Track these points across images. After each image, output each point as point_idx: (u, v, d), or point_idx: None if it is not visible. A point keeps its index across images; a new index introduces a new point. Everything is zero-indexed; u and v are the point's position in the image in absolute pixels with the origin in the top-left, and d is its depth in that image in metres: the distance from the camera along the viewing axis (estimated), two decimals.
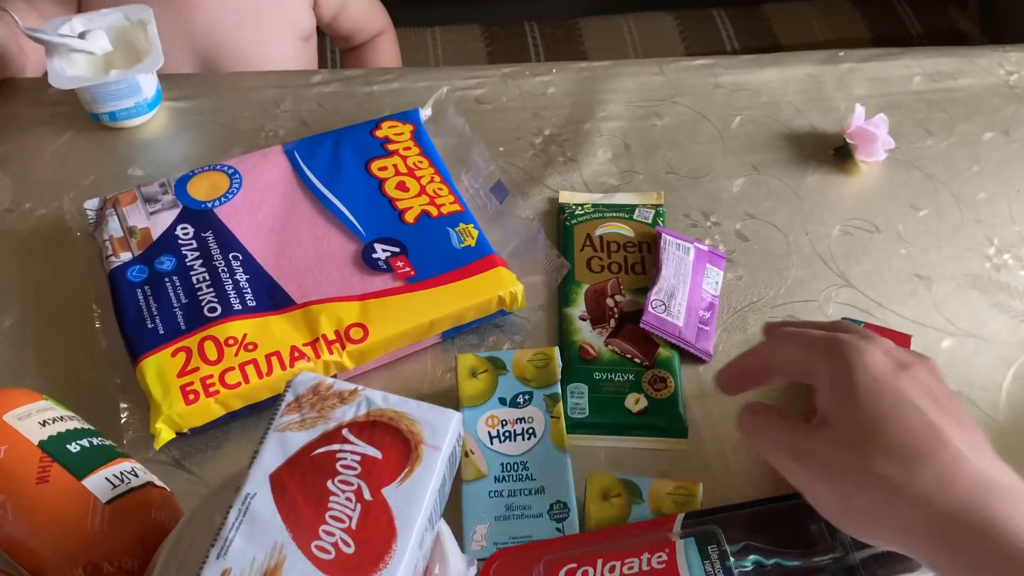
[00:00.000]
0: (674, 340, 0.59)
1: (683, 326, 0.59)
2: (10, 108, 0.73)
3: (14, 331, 0.60)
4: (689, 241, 0.63)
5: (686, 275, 0.61)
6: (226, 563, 0.38)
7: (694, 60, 0.79)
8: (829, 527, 0.48)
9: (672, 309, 0.59)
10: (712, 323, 0.61)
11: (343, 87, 0.75)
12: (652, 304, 0.59)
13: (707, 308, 0.61)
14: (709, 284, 0.62)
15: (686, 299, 0.60)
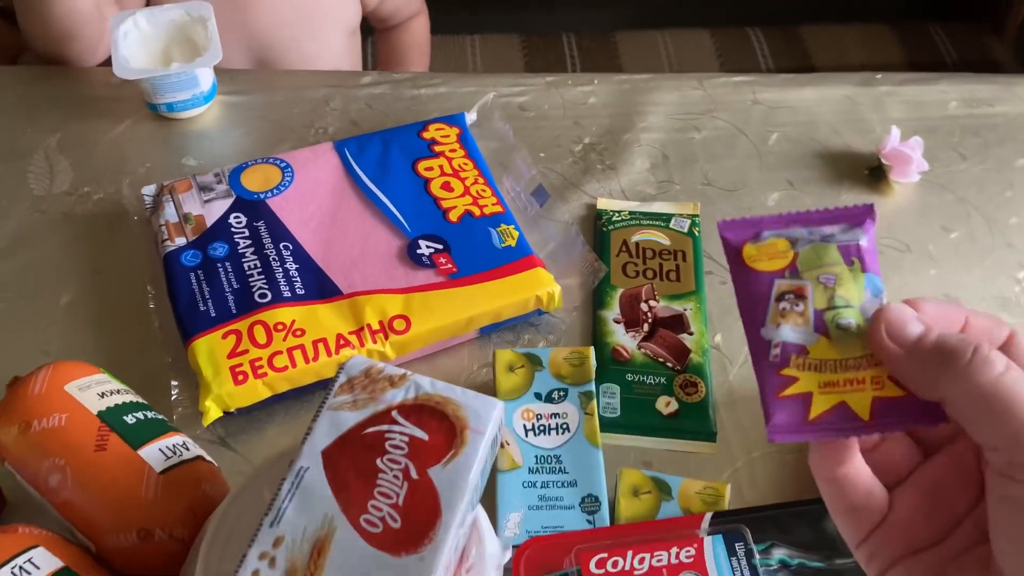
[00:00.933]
0: None
1: None
2: (71, 96, 0.76)
3: (71, 308, 0.62)
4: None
5: None
6: (279, 531, 0.40)
7: (733, 76, 0.81)
8: None
9: None
10: None
11: (391, 89, 0.78)
12: None
13: None
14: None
15: None
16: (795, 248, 0.35)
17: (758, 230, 0.35)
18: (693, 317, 0.63)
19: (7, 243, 0.66)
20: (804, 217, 0.35)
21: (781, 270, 0.34)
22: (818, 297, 0.34)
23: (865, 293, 0.34)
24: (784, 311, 0.34)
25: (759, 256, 0.35)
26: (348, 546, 0.39)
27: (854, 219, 0.35)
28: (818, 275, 0.34)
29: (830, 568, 0.48)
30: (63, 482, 0.48)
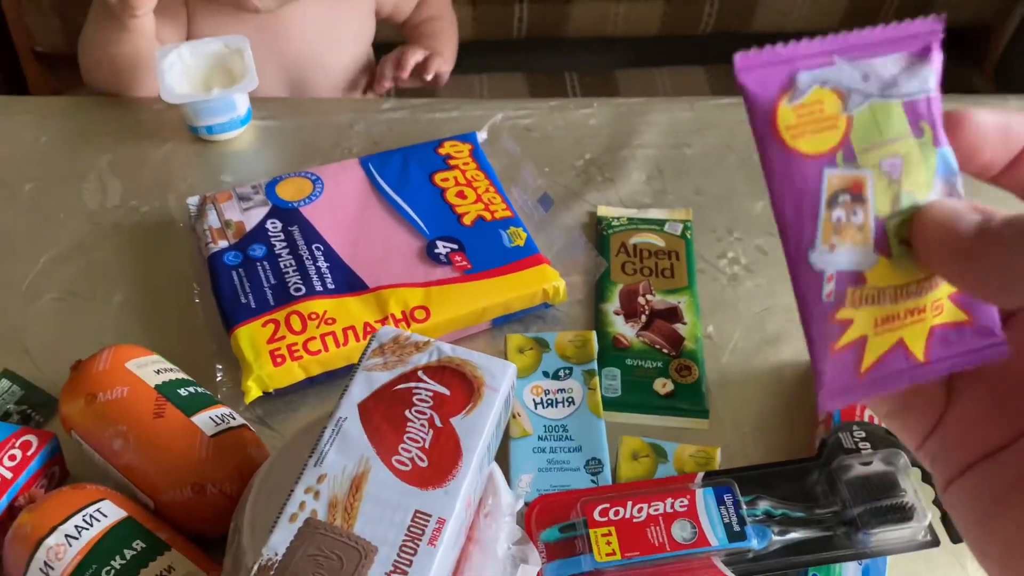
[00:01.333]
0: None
1: None
2: (119, 123, 0.84)
3: (123, 306, 0.69)
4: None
5: None
6: (322, 470, 0.46)
7: (722, 99, 0.88)
8: (830, 484, 0.55)
9: None
10: None
11: (409, 114, 0.85)
12: None
13: None
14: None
15: None
16: (847, 108, 0.24)
17: (793, 70, 0.24)
18: (687, 309, 0.69)
19: (65, 250, 0.73)
20: (853, 42, 0.24)
21: (832, 151, 0.24)
22: (880, 196, 0.24)
23: (935, 180, 0.25)
24: (839, 224, 0.24)
25: (800, 125, 0.24)
26: (382, 481, 0.45)
27: (918, 45, 0.24)
28: (880, 159, 0.24)
29: (810, 517, 0.54)
30: (125, 446, 0.54)
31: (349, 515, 0.44)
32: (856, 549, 0.53)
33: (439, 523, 0.44)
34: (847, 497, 0.54)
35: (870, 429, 0.57)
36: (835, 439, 0.57)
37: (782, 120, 0.24)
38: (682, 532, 0.52)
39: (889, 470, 0.54)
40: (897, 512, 0.53)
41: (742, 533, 0.52)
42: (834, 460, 0.55)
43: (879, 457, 0.55)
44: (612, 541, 0.51)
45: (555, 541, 0.53)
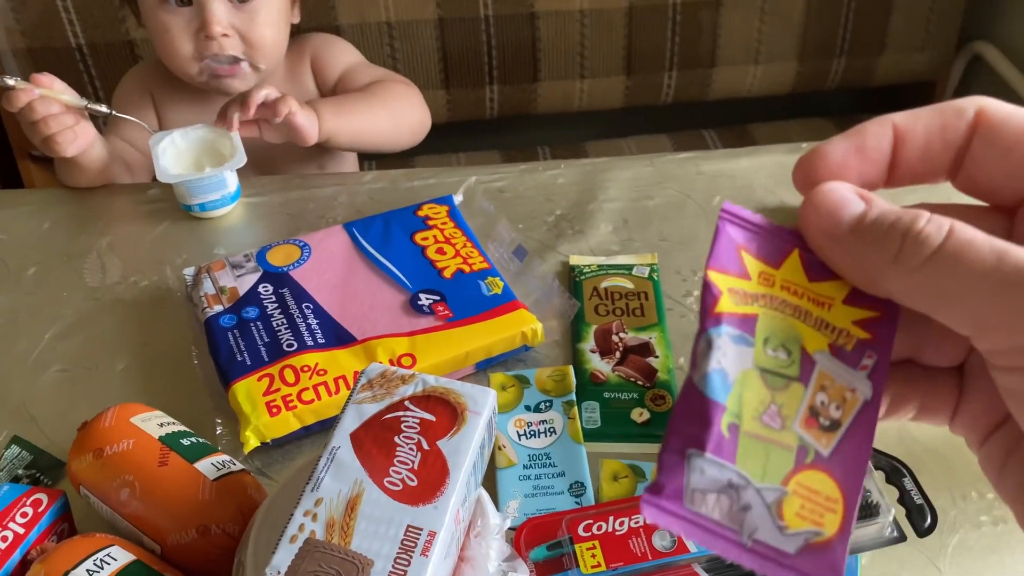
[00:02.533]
0: None
1: None
2: (117, 207, 0.89)
3: (126, 372, 0.73)
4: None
5: None
6: (319, 494, 0.49)
7: (679, 154, 0.95)
8: None
9: None
10: None
11: (389, 183, 0.91)
12: None
13: None
14: None
15: None
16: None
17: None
18: (658, 343, 0.73)
19: (68, 326, 0.77)
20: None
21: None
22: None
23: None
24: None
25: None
26: (375, 501, 0.48)
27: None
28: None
29: None
30: (132, 494, 0.57)
31: (346, 533, 0.47)
32: None
33: (430, 535, 0.47)
34: None
35: None
36: None
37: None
38: (662, 541, 0.55)
39: None
40: (862, 510, 0.56)
41: None
42: None
43: None
44: (597, 554, 0.54)
45: (544, 559, 0.56)
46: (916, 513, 0.57)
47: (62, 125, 0.82)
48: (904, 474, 0.59)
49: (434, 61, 1.36)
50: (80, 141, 0.84)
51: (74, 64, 1.25)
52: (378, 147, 1.02)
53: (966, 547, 0.62)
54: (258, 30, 0.90)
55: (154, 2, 0.90)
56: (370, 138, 0.98)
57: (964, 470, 0.66)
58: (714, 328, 0.25)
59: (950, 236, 0.23)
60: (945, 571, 0.60)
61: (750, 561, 0.24)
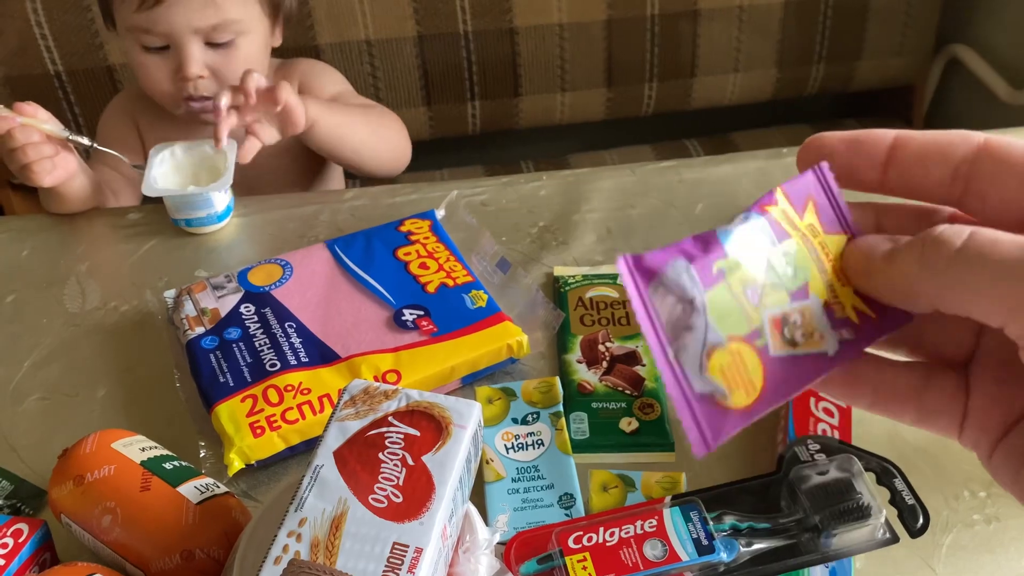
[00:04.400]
0: None
1: None
2: (96, 232, 0.88)
3: (107, 399, 0.72)
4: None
5: None
6: (303, 514, 0.48)
7: (660, 163, 0.95)
8: (791, 495, 0.57)
9: None
10: None
11: (370, 200, 0.91)
12: None
13: None
14: None
15: None
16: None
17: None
18: (644, 352, 0.73)
19: (48, 353, 0.76)
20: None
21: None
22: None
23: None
24: None
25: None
26: (360, 518, 0.48)
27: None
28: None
29: (775, 527, 0.56)
30: (114, 521, 0.56)
31: (331, 552, 0.47)
32: (821, 553, 0.55)
33: (417, 552, 0.46)
34: (807, 504, 0.56)
35: (824, 441, 0.61)
36: (792, 453, 0.60)
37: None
38: (653, 551, 0.54)
39: (844, 476, 0.58)
40: (855, 512, 0.55)
41: (711, 547, 0.54)
42: (792, 472, 0.58)
43: (834, 465, 0.58)
44: (588, 566, 0.53)
45: (535, 573, 0.55)
46: (908, 513, 0.56)
47: (41, 155, 0.81)
48: (895, 475, 0.58)
49: (415, 78, 1.36)
50: (59, 172, 0.83)
51: (53, 91, 1.25)
52: (357, 153, 0.98)
53: (960, 546, 0.61)
54: (235, 70, 0.90)
55: (133, 43, 0.90)
56: (350, 140, 0.96)
57: (955, 469, 0.66)
58: (756, 214, 0.28)
59: (972, 237, 0.25)
60: (940, 571, 0.60)
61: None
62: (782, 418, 0.66)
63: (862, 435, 0.66)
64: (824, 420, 0.64)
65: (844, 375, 0.29)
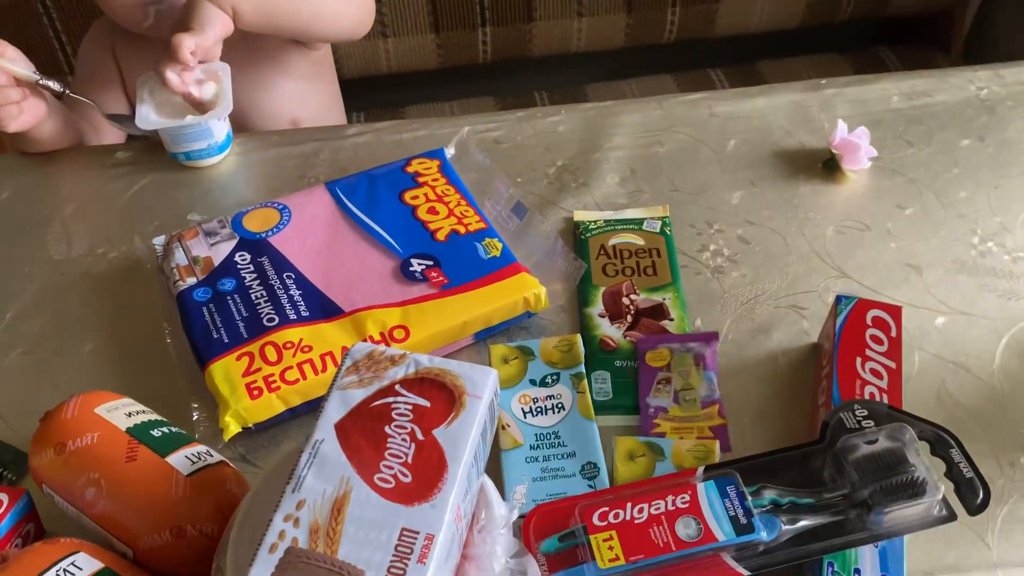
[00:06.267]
0: None
1: None
2: (82, 172, 0.82)
3: (94, 354, 0.67)
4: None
5: None
6: (300, 495, 0.43)
7: (689, 95, 0.87)
8: (837, 467, 0.52)
9: None
10: None
11: (375, 137, 0.84)
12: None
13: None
14: None
15: None
16: (672, 355, 0.62)
17: (654, 345, 0.63)
18: (672, 305, 0.67)
19: (31, 303, 0.71)
20: (679, 337, 0.63)
21: (663, 366, 0.61)
22: (677, 382, 0.60)
23: (704, 383, 0.61)
24: (658, 389, 0.60)
25: (654, 359, 0.62)
26: (364, 501, 0.43)
27: (704, 339, 0.62)
28: (680, 371, 0.61)
29: (819, 503, 0.52)
30: (99, 494, 0.52)
31: (332, 540, 0.42)
32: (870, 531, 0.51)
33: (428, 539, 0.42)
34: (855, 478, 0.52)
35: (872, 406, 0.55)
36: (837, 420, 0.55)
37: (647, 357, 0.63)
38: (687, 530, 0.50)
39: (896, 446, 0.52)
40: (909, 488, 0.50)
41: (750, 525, 0.49)
42: (838, 441, 0.53)
43: (884, 434, 0.53)
44: (615, 546, 0.49)
45: (555, 552, 0.50)
46: (966, 488, 0.51)
47: (6, 99, 0.74)
48: (951, 444, 0.53)
49: (421, 3, 1.27)
50: (25, 117, 0.76)
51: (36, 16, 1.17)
52: (301, 18, 0.86)
53: (1017, 519, 0.56)
54: None
55: None
56: (286, 10, 0.83)
57: (1011, 433, 0.61)
58: None
59: None
60: (994, 547, 0.55)
61: None
62: (823, 379, 0.60)
63: (909, 395, 0.61)
64: (872, 383, 0.58)
65: None
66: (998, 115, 0.84)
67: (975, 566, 0.54)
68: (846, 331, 0.61)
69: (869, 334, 0.61)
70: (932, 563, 0.54)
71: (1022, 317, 0.67)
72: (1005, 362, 0.65)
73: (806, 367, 0.64)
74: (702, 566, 0.49)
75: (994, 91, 0.86)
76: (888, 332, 0.61)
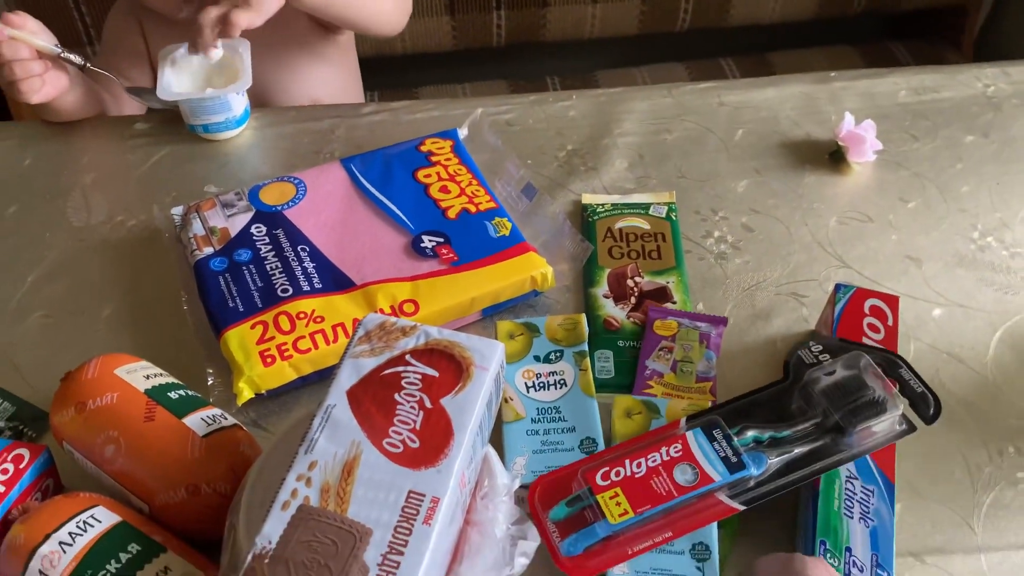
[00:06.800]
0: None
1: None
2: (102, 142, 0.84)
3: (111, 319, 0.69)
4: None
5: None
6: (312, 457, 0.45)
7: (699, 84, 0.89)
8: (806, 400, 0.55)
9: None
10: None
11: (390, 116, 0.86)
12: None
13: None
14: None
15: None
16: (679, 327, 0.64)
17: (664, 316, 0.65)
18: (676, 288, 0.69)
19: (51, 269, 0.73)
20: (690, 315, 0.65)
21: (668, 336, 0.64)
22: (678, 352, 0.63)
23: (703, 360, 0.63)
24: (659, 355, 0.63)
25: (661, 328, 0.64)
26: (374, 464, 0.45)
27: (713, 322, 0.65)
28: (683, 344, 0.63)
29: (796, 435, 0.54)
30: (117, 451, 0.54)
31: (342, 499, 0.44)
32: (846, 451, 0.54)
33: (433, 502, 0.44)
34: (825, 405, 0.55)
35: (825, 341, 0.59)
36: (796, 357, 0.58)
37: (655, 325, 0.65)
38: (684, 476, 0.52)
39: (854, 373, 0.56)
40: (873, 407, 0.54)
41: (740, 463, 0.52)
42: (803, 376, 0.56)
43: (840, 364, 0.57)
44: (621, 501, 0.51)
45: (565, 517, 0.52)
46: (919, 401, 0.56)
47: (28, 72, 0.76)
48: (900, 365, 0.57)
49: None
50: (47, 90, 0.78)
51: None
52: (354, 9, 0.87)
53: (1002, 505, 0.58)
54: None
55: None
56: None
57: (1001, 424, 0.62)
58: None
59: None
60: (979, 531, 0.57)
61: None
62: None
63: None
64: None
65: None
66: (1004, 112, 0.85)
67: (960, 549, 0.56)
68: (844, 318, 0.63)
69: (866, 322, 0.63)
70: (920, 545, 0.56)
71: (1017, 311, 0.69)
72: (998, 355, 0.66)
73: None
74: (701, 507, 0.51)
75: (1001, 88, 0.87)
76: (885, 321, 0.63)
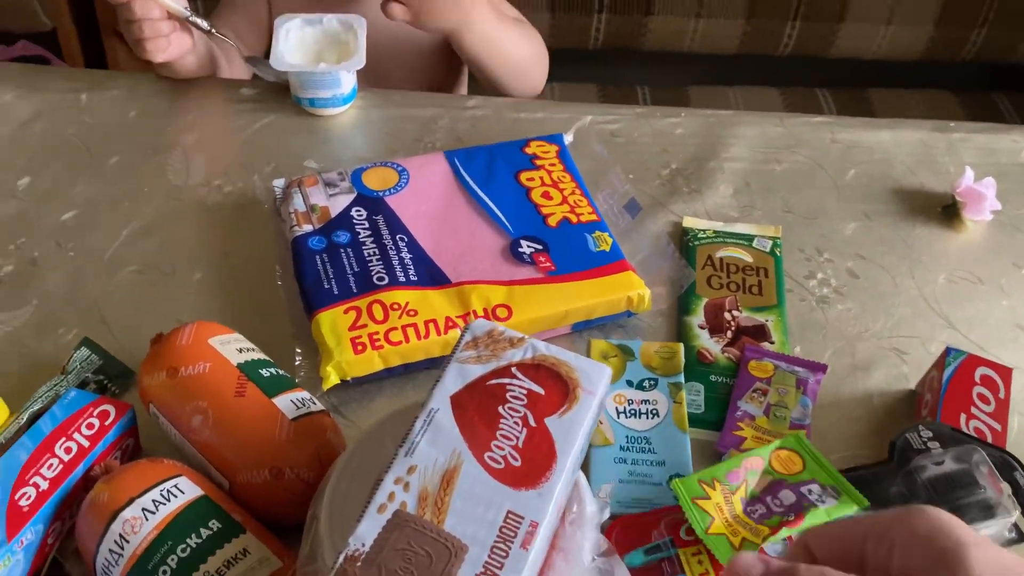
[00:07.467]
0: None
1: None
2: (208, 103, 0.84)
3: (203, 283, 0.68)
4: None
5: None
6: (413, 460, 0.44)
7: (813, 117, 0.86)
8: (909, 487, 0.53)
9: None
10: None
11: (494, 112, 0.84)
12: None
13: None
14: None
15: None
16: (776, 370, 0.62)
17: (761, 357, 0.63)
18: (774, 328, 0.67)
19: (146, 224, 0.73)
20: (788, 358, 0.63)
21: (764, 378, 0.62)
22: (773, 396, 0.61)
23: (799, 406, 0.60)
24: (752, 396, 0.61)
25: (756, 368, 0.63)
26: (474, 477, 0.44)
27: (812, 368, 0.63)
28: (778, 388, 0.61)
29: None
30: (205, 422, 0.53)
31: (439, 510, 0.43)
32: None
33: (532, 526, 0.42)
34: (930, 497, 0.52)
35: (936, 428, 0.56)
36: (903, 440, 0.55)
37: (751, 365, 0.63)
38: (774, 547, 0.50)
39: (964, 468, 0.53)
40: (983, 508, 0.51)
41: None
42: (909, 461, 0.53)
43: (950, 455, 0.53)
44: (704, 560, 0.49)
45: (641, 565, 0.51)
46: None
47: (156, 32, 0.77)
48: (1015, 467, 0.54)
49: None
50: (172, 50, 0.80)
51: None
52: (505, 69, 0.91)
53: None
54: None
55: None
56: (501, 54, 0.89)
57: None
58: None
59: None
60: None
61: None
62: (927, 405, 0.60)
63: None
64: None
65: None
66: None
67: None
68: (953, 385, 0.60)
69: (976, 391, 0.60)
70: None
71: None
72: None
73: (900, 413, 0.64)
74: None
75: None
76: (996, 393, 0.60)
